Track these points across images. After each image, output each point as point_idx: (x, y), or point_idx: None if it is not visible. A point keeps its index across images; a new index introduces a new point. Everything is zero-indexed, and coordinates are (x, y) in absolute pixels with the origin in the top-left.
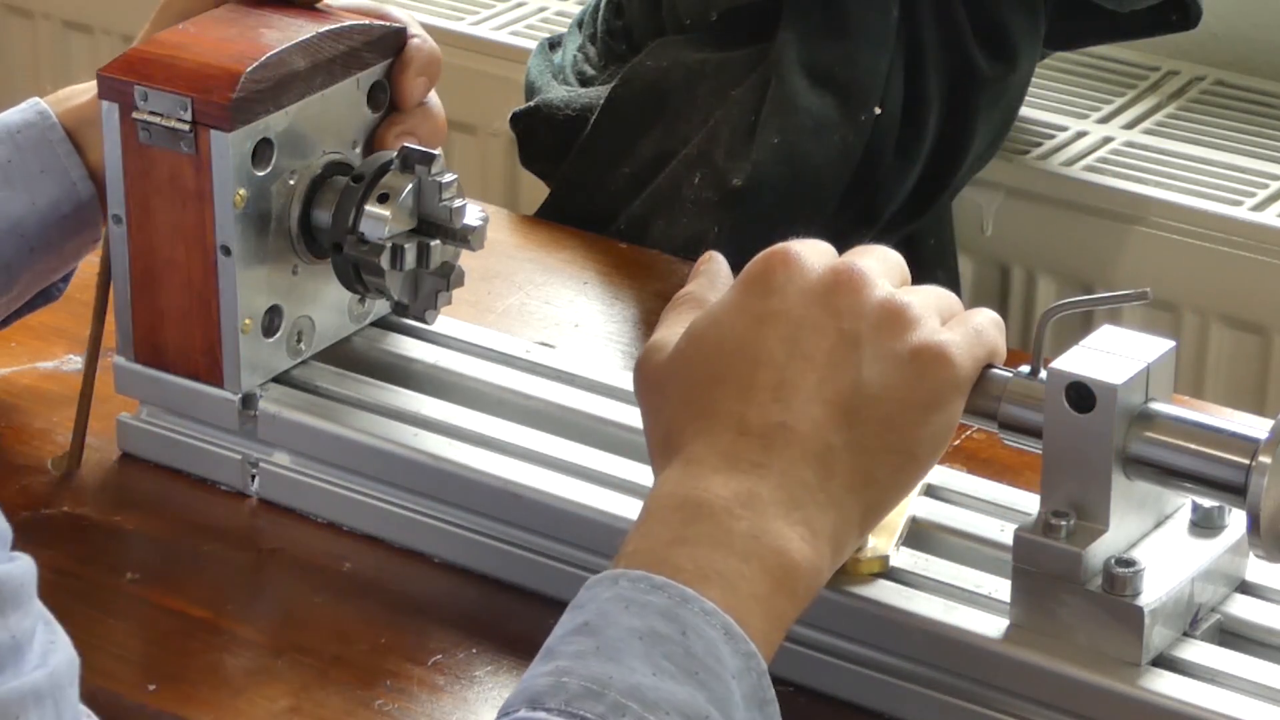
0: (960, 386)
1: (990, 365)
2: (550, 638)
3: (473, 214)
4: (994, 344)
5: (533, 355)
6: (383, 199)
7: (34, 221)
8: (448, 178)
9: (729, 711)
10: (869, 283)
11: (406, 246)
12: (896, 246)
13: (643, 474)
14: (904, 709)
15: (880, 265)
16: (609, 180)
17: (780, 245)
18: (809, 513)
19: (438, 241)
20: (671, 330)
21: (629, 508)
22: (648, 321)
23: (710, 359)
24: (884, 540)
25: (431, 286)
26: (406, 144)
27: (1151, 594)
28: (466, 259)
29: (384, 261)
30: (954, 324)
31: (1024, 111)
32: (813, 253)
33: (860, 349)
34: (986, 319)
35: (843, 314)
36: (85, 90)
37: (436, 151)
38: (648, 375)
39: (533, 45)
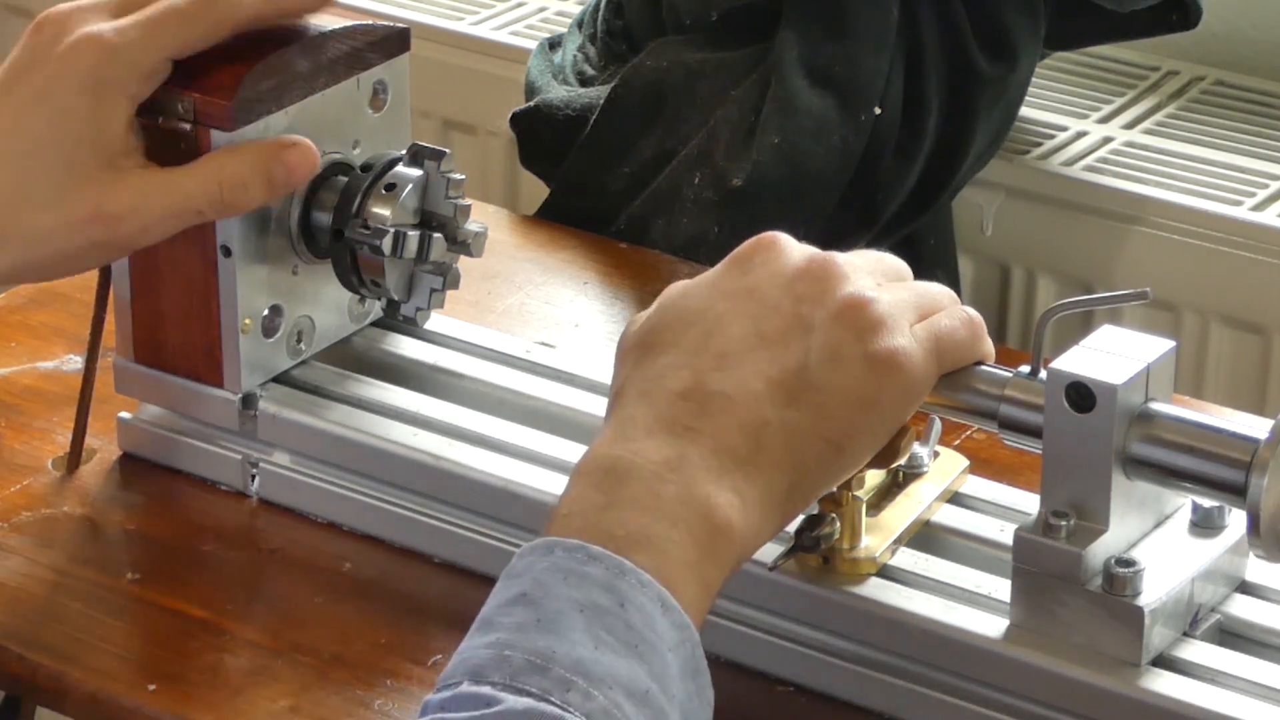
0: (909, 393)
1: (979, 363)
2: (486, 607)
3: (473, 221)
4: (966, 349)
5: (533, 355)
6: (389, 189)
7: None
8: (456, 176)
9: (667, 684)
10: (839, 275)
11: (410, 234)
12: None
13: None
14: (904, 709)
15: (865, 264)
16: (609, 180)
17: (771, 232)
18: (737, 480)
19: (439, 235)
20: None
21: None
22: None
23: (671, 327)
24: (877, 540)
25: (427, 285)
26: (416, 140)
27: (1151, 594)
28: (467, 258)
29: (385, 246)
30: (922, 328)
31: (1024, 111)
32: (800, 244)
33: (811, 335)
34: (959, 321)
35: (803, 300)
36: None
37: (446, 150)
38: (620, 344)
39: (533, 45)
